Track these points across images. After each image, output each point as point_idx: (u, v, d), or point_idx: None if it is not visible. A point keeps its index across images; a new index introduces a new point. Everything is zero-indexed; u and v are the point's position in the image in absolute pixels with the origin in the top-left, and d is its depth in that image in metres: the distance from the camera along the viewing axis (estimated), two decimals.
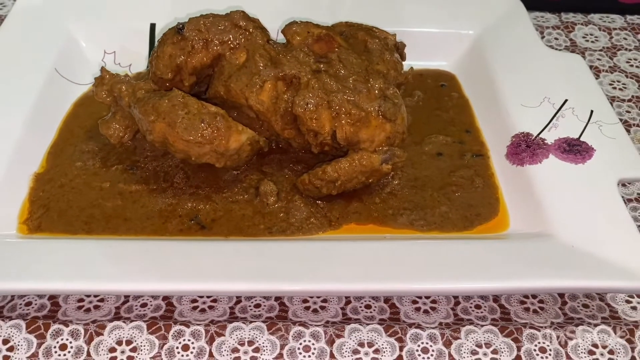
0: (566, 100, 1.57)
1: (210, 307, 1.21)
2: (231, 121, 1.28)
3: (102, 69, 1.41)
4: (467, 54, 1.82)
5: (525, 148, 1.49)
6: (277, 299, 1.23)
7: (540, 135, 1.51)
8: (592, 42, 2.04)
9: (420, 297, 1.25)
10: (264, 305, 1.22)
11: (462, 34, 1.83)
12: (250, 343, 1.13)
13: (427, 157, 1.55)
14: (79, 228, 1.34)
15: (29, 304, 1.20)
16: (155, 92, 1.35)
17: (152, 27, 1.78)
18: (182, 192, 1.42)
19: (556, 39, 2.04)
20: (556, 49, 1.95)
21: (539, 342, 1.16)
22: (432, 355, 1.13)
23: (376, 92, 1.36)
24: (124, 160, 1.48)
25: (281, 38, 1.45)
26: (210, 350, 1.12)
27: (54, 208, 1.37)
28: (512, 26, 1.82)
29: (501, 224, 1.41)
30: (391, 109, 1.35)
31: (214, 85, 1.37)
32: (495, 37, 1.80)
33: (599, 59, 1.97)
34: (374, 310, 1.22)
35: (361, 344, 1.14)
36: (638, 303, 1.26)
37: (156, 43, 1.73)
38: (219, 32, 1.36)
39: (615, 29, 2.09)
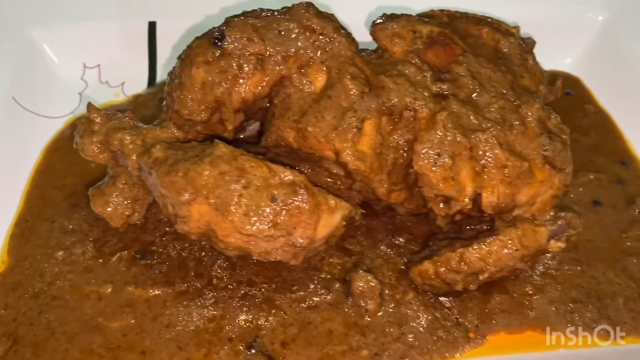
0: None
1: None
2: (318, 193, 0.76)
3: (89, 107, 0.87)
4: (594, 47, 1.30)
5: None
6: None
7: None
8: None
9: None
10: None
11: (587, 19, 1.31)
12: None
13: (582, 209, 1.04)
14: None
15: None
16: (183, 145, 0.81)
17: (152, 27, 1.23)
18: (227, 294, 0.90)
19: None
20: None
21: None
22: None
23: (534, 125, 0.85)
24: (129, 244, 0.95)
25: None
26: None
27: (25, 338, 0.85)
28: None
29: None
30: (561, 152, 0.85)
31: (276, 128, 0.84)
32: (631, 23, 1.29)
33: None
34: None
35: None
36: None
37: (159, 47, 1.23)
38: (281, 41, 0.83)
39: None
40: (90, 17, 1.24)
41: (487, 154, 0.81)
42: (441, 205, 0.84)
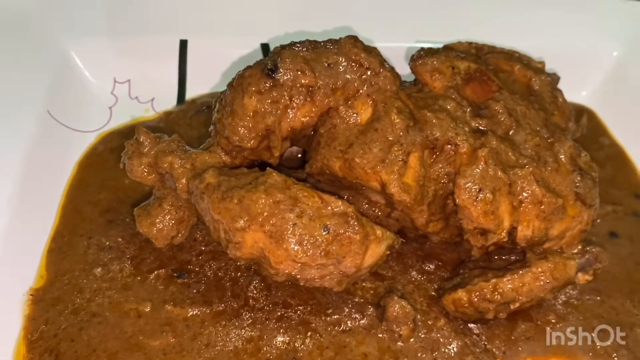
0: None
1: None
2: (366, 223, 0.79)
3: (138, 129, 0.88)
4: (608, 81, 1.35)
5: None
6: None
7: None
8: None
9: None
10: None
11: (602, 54, 1.36)
12: None
13: (600, 241, 1.09)
14: None
15: None
16: (234, 171, 0.83)
17: (183, 44, 1.25)
18: (264, 315, 0.92)
19: None
20: None
21: None
22: None
23: (566, 162, 0.89)
24: (166, 262, 0.97)
25: None
26: None
27: (67, 354, 0.86)
28: None
29: None
30: (592, 189, 0.89)
31: (321, 156, 0.87)
32: None
33: None
34: None
35: None
36: None
37: (189, 65, 1.25)
38: (330, 74, 0.86)
39: None
40: (121, 32, 1.25)
41: (525, 190, 0.84)
42: (478, 237, 0.87)
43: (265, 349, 0.89)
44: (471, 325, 0.94)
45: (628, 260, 1.06)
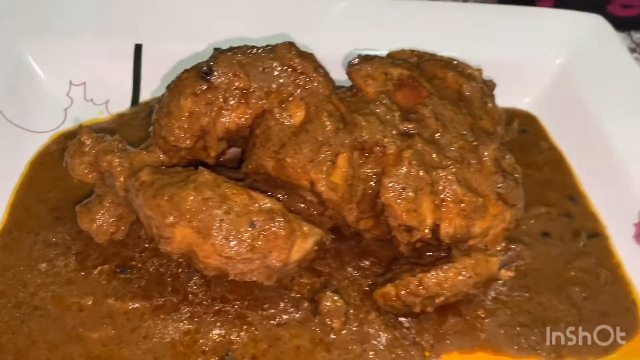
0: None
1: None
2: (293, 220, 0.83)
3: (81, 129, 0.92)
4: (551, 88, 1.41)
5: None
6: None
7: None
8: None
9: None
10: None
11: (546, 62, 1.41)
12: None
13: (532, 240, 1.14)
14: None
15: None
16: (168, 169, 0.87)
17: (138, 49, 1.29)
18: (202, 309, 0.96)
19: None
20: None
21: None
22: None
23: (490, 164, 0.94)
24: (110, 258, 1.01)
25: None
26: None
27: (7, 346, 0.89)
28: (604, 52, 1.42)
29: None
30: (513, 189, 0.94)
31: (256, 157, 0.91)
32: (586, 66, 1.40)
33: None
34: None
35: None
36: None
37: (143, 69, 1.29)
38: (264, 78, 0.90)
39: None
40: (77, 36, 1.29)
41: (447, 189, 0.89)
42: (404, 233, 0.92)
43: (201, 341, 0.93)
44: (402, 319, 0.98)
45: (558, 259, 1.11)
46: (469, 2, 1.82)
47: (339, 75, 1.02)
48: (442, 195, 0.89)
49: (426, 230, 0.90)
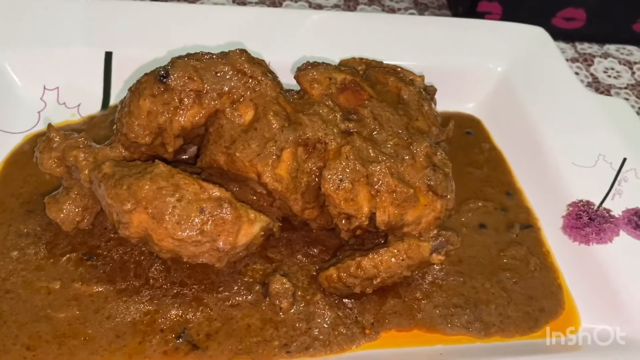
0: (625, 160, 1.31)
1: None
2: (240, 207, 0.93)
3: (50, 127, 1.01)
4: (494, 93, 1.53)
5: (589, 221, 1.21)
6: None
7: (603, 205, 1.24)
8: (615, 77, 1.81)
9: None
10: None
11: (488, 69, 1.53)
12: None
13: (469, 231, 1.25)
14: (18, 356, 0.94)
15: None
16: (128, 163, 0.97)
17: (108, 56, 1.38)
18: (161, 292, 1.05)
19: (577, 73, 1.80)
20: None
21: None
22: None
23: (422, 159, 1.04)
24: (78, 247, 1.09)
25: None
26: None
27: None
28: (543, 61, 1.55)
29: (570, 319, 1.13)
30: (442, 182, 1.04)
31: (210, 152, 1.01)
32: (525, 74, 1.52)
33: (626, 98, 1.74)
34: None
35: None
36: None
37: (113, 75, 1.38)
38: (217, 81, 1.00)
39: (636, 62, 1.88)
40: (52, 43, 1.37)
41: (381, 181, 0.99)
42: (343, 221, 1.02)
43: (160, 320, 1.01)
44: (345, 301, 1.08)
45: (492, 248, 1.22)
46: (425, 15, 1.95)
47: (290, 80, 1.12)
48: (377, 187, 0.99)
49: (363, 218, 1.00)
